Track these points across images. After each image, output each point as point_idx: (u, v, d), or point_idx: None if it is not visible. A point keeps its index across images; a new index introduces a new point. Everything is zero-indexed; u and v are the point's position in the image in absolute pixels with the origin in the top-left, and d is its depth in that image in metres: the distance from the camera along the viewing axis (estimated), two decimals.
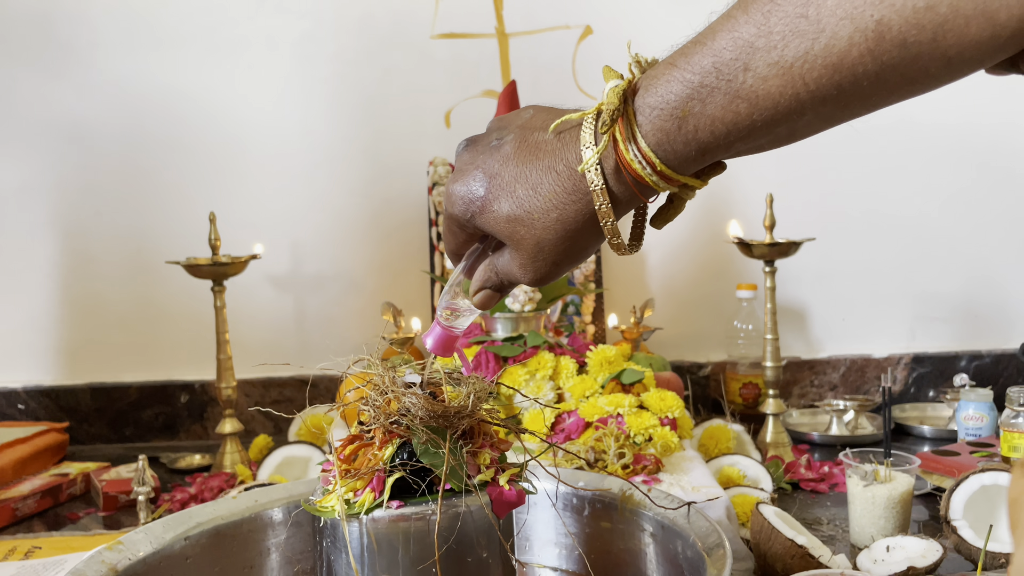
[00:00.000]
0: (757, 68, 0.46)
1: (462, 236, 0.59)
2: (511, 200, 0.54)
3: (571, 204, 0.53)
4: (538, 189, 0.53)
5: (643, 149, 0.50)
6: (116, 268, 1.64)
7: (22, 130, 1.62)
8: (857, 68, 0.45)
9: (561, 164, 0.53)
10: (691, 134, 0.49)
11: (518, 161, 0.54)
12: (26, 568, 0.96)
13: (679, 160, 0.50)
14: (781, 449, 1.35)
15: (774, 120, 0.48)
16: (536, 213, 0.53)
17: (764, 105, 0.47)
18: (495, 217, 0.55)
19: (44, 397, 1.63)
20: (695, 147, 0.50)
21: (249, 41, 1.63)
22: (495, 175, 0.54)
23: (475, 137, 0.58)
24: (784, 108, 0.47)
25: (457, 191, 0.56)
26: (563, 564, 0.84)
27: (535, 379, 1.19)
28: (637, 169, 0.51)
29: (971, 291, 1.70)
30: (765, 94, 0.47)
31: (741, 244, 1.33)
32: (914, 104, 0.50)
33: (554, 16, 1.55)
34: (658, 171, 0.51)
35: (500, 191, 0.54)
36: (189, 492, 1.24)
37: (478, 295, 0.60)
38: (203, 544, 0.76)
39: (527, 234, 0.54)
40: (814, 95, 0.46)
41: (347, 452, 0.66)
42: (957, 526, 0.92)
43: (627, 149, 0.50)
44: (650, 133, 0.50)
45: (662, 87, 0.49)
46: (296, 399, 1.64)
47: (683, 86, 0.48)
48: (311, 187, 1.65)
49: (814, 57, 0.45)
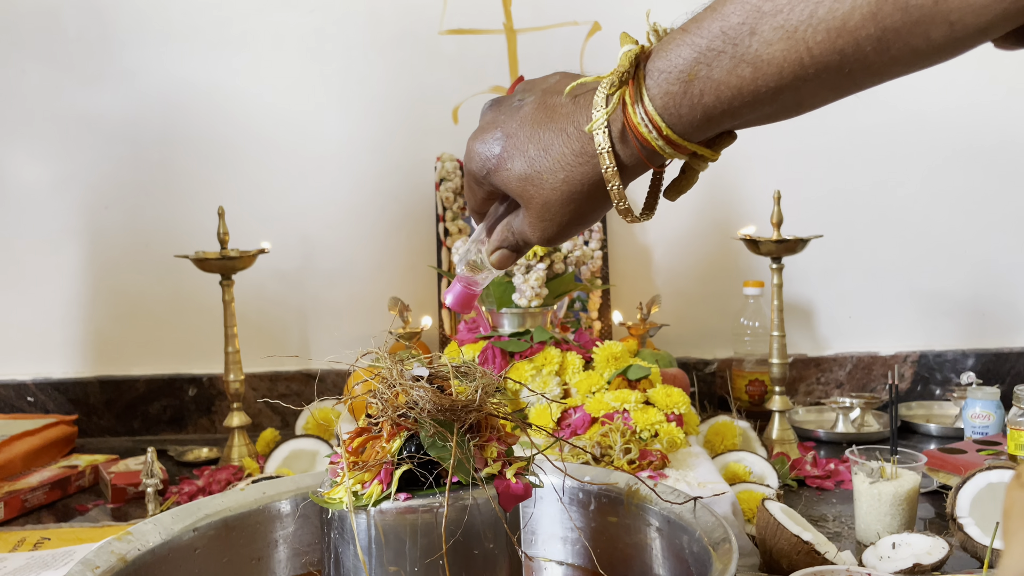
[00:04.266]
0: (763, 32, 0.47)
1: (480, 194, 0.61)
2: (523, 159, 0.55)
3: (578, 166, 0.54)
4: (548, 150, 0.54)
5: (649, 111, 0.51)
6: (125, 262, 1.65)
7: (30, 123, 1.62)
8: (859, 32, 0.45)
9: (572, 126, 0.54)
10: (696, 98, 0.50)
11: (534, 122, 0.55)
12: (35, 559, 0.97)
13: (684, 125, 0.51)
14: (787, 446, 1.35)
15: (779, 87, 0.48)
16: (545, 173, 0.55)
17: (768, 71, 0.47)
18: (508, 175, 0.56)
19: (53, 390, 1.64)
20: (700, 112, 0.50)
21: (258, 36, 1.63)
22: (511, 135, 0.56)
23: (500, 98, 0.59)
24: (788, 74, 0.47)
25: (476, 148, 0.58)
26: (569, 558, 0.84)
27: (541, 374, 1.19)
28: (643, 132, 0.51)
29: (978, 289, 1.70)
30: (769, 59, 0.47)
31: (748, 241, 1.33)
32: (924, 102, 0.50)
33: (562, 12, 1.55)
34: (664, 135, 0.51)
35: (514, 150, 0.56)
36: (197, 485, 1.24)
37: (495, 254, 0.62)
38: (211, 535, 0.76)
39: (536, 193, 0.55)
40: (817, 61, 0.46)
41: (355, 444, 0.66)
42: (963, 523, 0.92)
43: (634, 112, 0.51)
44: (657, 96, 0.50)
45: (672, 51, 0.50)
46: (303, 393, 1.65)
47: (691, 50, 0.49)
48: (319, 182, 1.65)
49: (818, 21, 0.45)
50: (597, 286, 1.53)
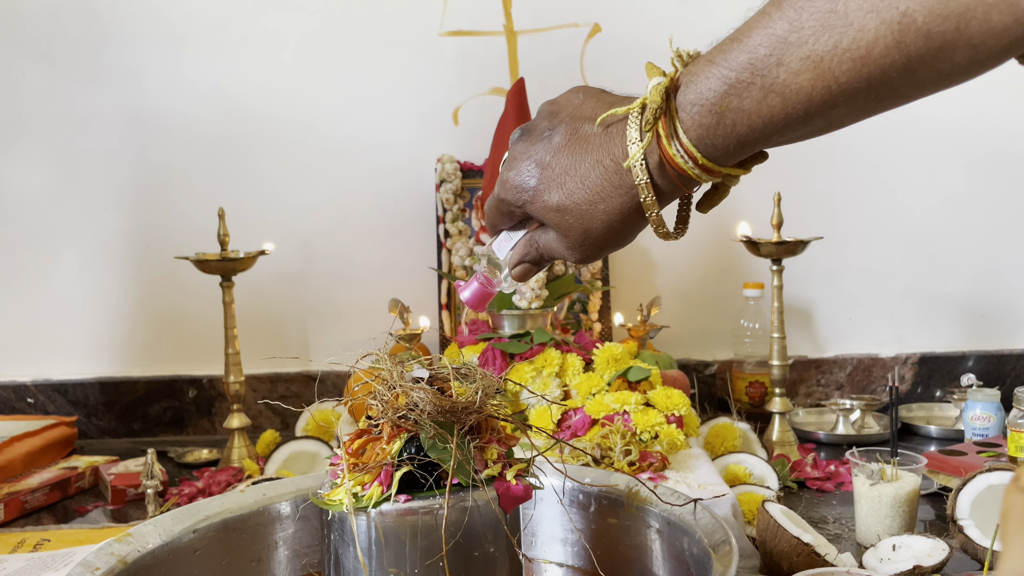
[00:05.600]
0: (790, 63, 0.48)
1: (511, 220, 0.63)
2: (561, 191, 0.57)
3: (617, 197, 0.56)
4: (586, 182, 0.56)
5: (685, 144, 0.52)
6: (124, 263, 1.65)
7: (30, 124, 1.63)
8: (884, 60, 0.45)
9: (608, 159, 0.55)
10: (729, 128, 0.51)
11: (568, 152, 0.57)
12: (35, 560, 0.97)
13: (719, 153, 0.52)
14: (787, 448, 1.35)
15: (808, 113, 0.49)
16: (584, 204, 0.56)
17: (796, 99, 0.48)
18: (545, 206, 0.58)
19: (53, 391, 1.64)
20: (734, 140, 0.51)
21: (258, 37, 1.63)
22: (546, 166, 0.57)
23: (528, 126, 0.61)
24: (817, 101, 0.48)
25: (511, 179, 0.59)
26: (569, 560, 0.84)
27: (542, 376, 1.19)
28: (680, 163, 0.53)
29: (979, 291, 1.70)
30: (797, 88, 0.48)
31: (748, 242, 1.33)
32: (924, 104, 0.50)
33: (563, 14, 1.55)
34: (700, 164, 0.53)
35: (551, 182, 0.57)
36: (197, 486, 1.24)
37: (517, 268, 0.64)
38: (211, 537, 0.76)
39: (575, 223, 0.57)
40: (844, 88, 0.47)
41: (355, 446, 0.66)
42: (964, 525, 0.92)
43: (670, 144, 0.53)
44: (691, 129, 0.52)
45: (702, 83, 0.51)
46: (303, 395, 1.65)
47: (721, 82, 0.50)
48: (319, 184, 1.66)
49: (843, 51, 0.46)
50: (597, 288, 1.53)
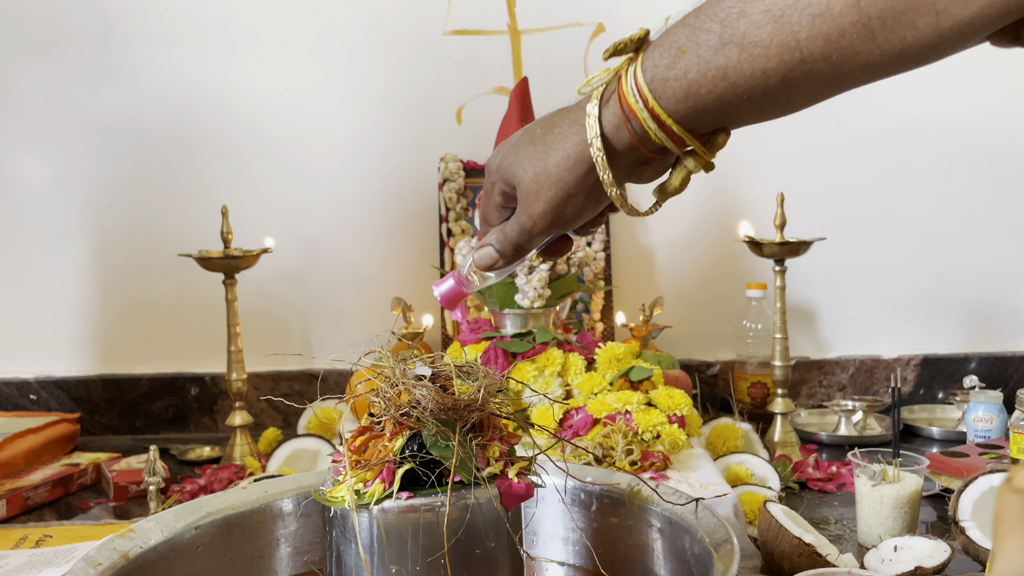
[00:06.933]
0: (752, 15, 0.48)
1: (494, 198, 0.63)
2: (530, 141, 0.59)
3: (572, 134, 0.56)
4: (550, 127, 0.58)
5: (639, 82, 0.53)
6: (129, 260, 1.65)
7: (34, 122, 1.63)
8: (843, 19, 0.46)
9: (577, 110, 0.57)
10: (682, 71, 0.51)
11: (540, 124, 0.60)
12: (37, 556, 0.97)
13: (670, 100, 0.52)
14: (789, 448, 1.35)
15: (764, 71, 0.49)
16: (541, 147, 0.58)
17: (754, 52, 0.49)
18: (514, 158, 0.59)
19: (56, 388, 1.64)
20: (685, 88, 0.51)
21: (262, 36, 1.63)
22: (527, 130, 0.60)
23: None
24: (774, 57, 0.48)
25: (495, 151, 0.62)
26: (570, 558, 0.84)
27: (544, 375, 1.19)
28: (631, 102, 0.53)
29: (981, 292, 1.69)
30: (756, 40, 0.48)
31: (751, 243, 1.33)
32: (930, 104, 0.50)
33: (567, 14, 1.55)
34: (650, 107, 0.53)
35: (525, 135, 0.60)
36: (199, 484, 1.24)
37: (480, 251, 0.64)
38: (213, 533, 0.76)
39: (529, 167, 0.58)
40: (803, 47, 0.47)
41: (357, 443, 0.66)
42: (965, 527, 0.92)
43: (625, 82, 0.54)
44: (649, 68, 0.53)
45: (672, 33, 0.53)
46: (305, 393, 1.65)
47: (686, 29, 0.52)
48: (322, 182, 1.66)
49: (804, 6, 0.47)
50: (600, 287, 1.53)
